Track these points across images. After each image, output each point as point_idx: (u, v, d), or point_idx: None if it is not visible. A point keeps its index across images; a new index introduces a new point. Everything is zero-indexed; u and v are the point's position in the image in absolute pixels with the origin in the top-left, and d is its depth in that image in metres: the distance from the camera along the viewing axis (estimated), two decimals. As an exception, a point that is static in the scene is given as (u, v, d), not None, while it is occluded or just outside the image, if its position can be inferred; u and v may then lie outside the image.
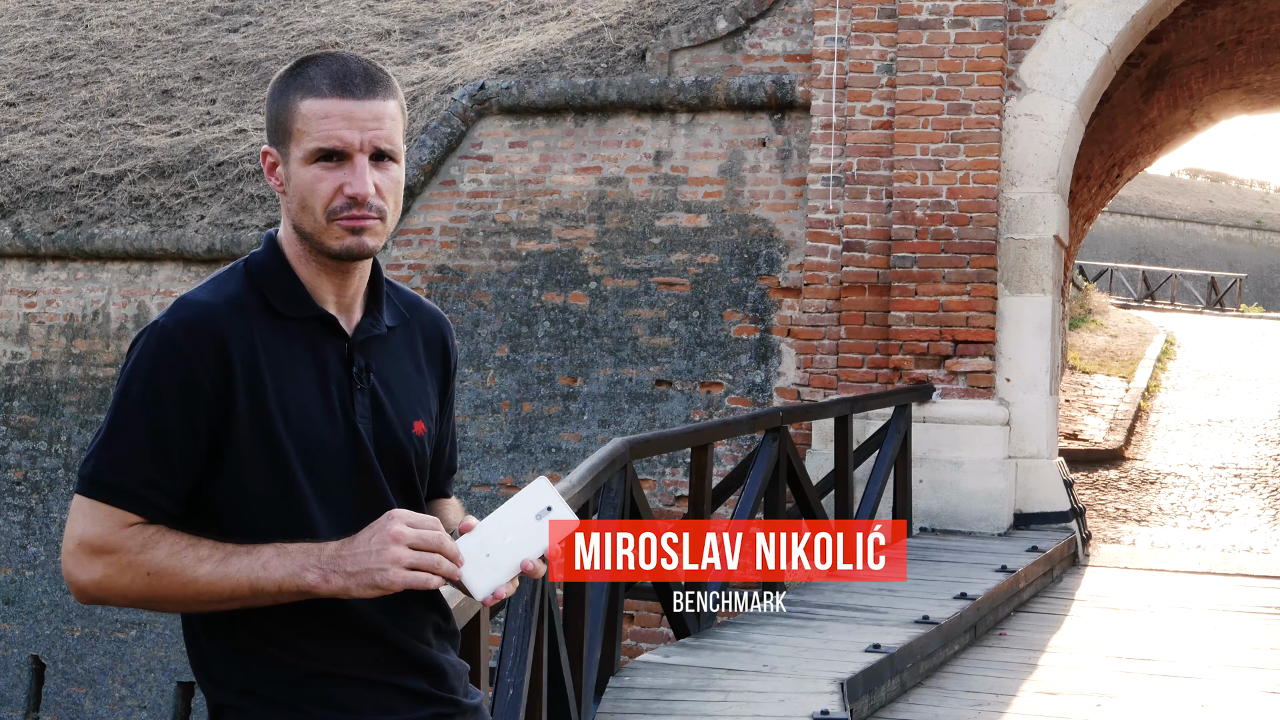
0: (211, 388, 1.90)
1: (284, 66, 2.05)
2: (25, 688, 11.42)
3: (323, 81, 1.96)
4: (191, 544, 1.88)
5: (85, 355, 11.84)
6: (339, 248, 1.98)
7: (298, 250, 2.02)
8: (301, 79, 1.98)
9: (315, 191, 1.96)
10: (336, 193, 1.96)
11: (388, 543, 1.85)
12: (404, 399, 2.07)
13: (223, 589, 1.87)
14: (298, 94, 1.98)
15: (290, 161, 1.98)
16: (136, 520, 1.88)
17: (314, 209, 1.97)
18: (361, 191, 1.95)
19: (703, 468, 6.63)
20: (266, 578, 1.86)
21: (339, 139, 1.95)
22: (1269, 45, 12.82)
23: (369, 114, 1.96)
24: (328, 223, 1.97)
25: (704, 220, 10.35)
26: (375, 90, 1.98)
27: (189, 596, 1.88)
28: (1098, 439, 15.36)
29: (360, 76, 1.97)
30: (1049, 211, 9.51)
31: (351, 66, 1.98)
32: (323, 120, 1.95)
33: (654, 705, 5.09)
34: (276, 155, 2.02)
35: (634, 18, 11.51)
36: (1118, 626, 7.44)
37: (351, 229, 1.96)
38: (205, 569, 1.86)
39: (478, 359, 10.66)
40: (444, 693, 2.05)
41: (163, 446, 1.89)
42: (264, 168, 2.04)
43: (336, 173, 1.96)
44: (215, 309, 1.94)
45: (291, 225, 2.02)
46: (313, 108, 1.96)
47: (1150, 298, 35.74)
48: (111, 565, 1.87)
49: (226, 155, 12.12)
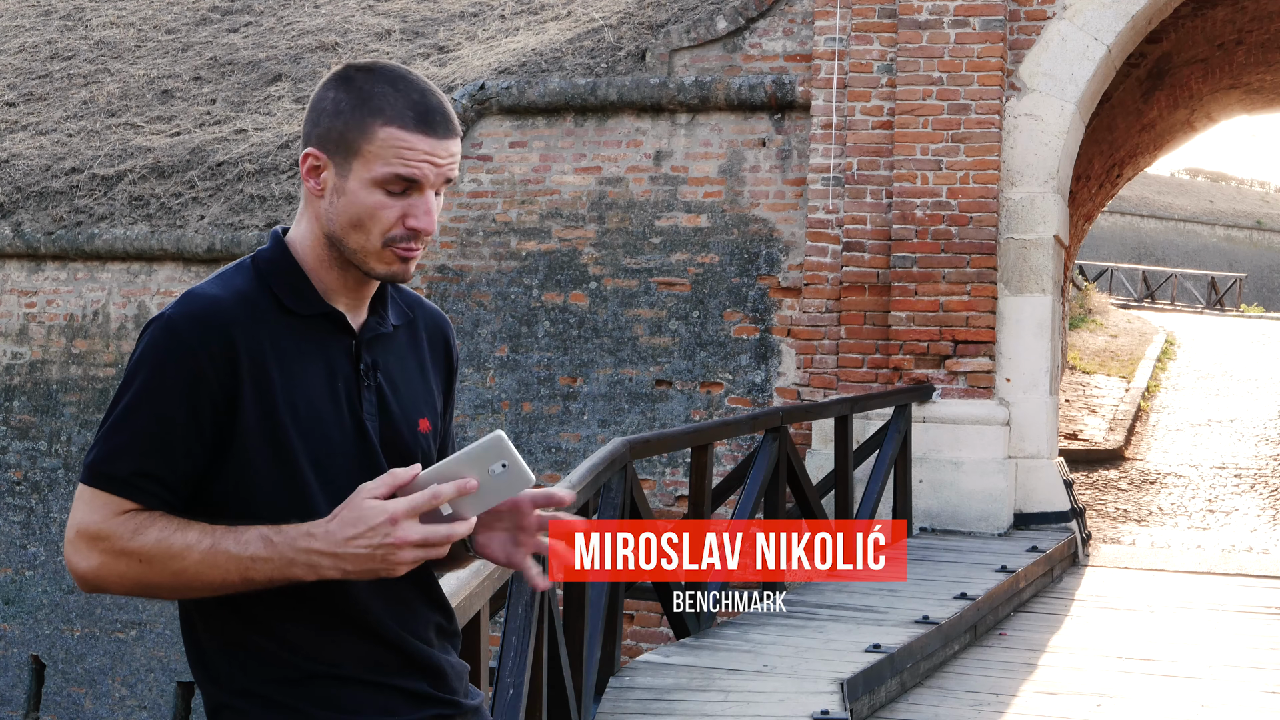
0: (217, 381, 1.91)
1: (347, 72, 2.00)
2: (25, 688, 11.42)
3: (407, 112, 1.96)
4: (181, 528, 1.87)
5: (85, 355, 11.84)
6: (385, 272, 2.00)
7: (320, 255, 2.02)
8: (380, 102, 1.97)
9: (377, 217, 1.96)
10: (399, 222, 1.97)
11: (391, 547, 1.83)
12: (409, 397, 2.08)
13: (213, 577, 1.86)
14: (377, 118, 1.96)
15: (350, 178, 1.97)
16: (131, 507, 1.89)
17: (371, 232, 1.97)
18: (428, 228, 1.98)
19: (703, 468, 6.63)
20: (256, 571, 1.85)
21: (419, 172, 1.96)
22: (1269, 45, 12.82)
23: (447, 153, 1.98)
24: (382, 248, 1.98)
25: (704, 220, 10.35)
26: (452, 128, 2.00)
27: (182, 584, 1.88)
28: (1098, 439, 15.36)
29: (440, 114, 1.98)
30: (1049, 211, 9.51)
31: (431, 102, 1.98)
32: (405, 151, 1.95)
33: (654, 705, 5.09)
34: (327, 163, 2.00)
35: (634, 18, 11.51)
36: (1118, 626, 7.44)
37: (403, 257, 1.99)
38: (194, 556, 1.85)
39: (478, 359, 10.65)
40: (444, 694, 2.05)
41: (165, 438, 1.89)
42: (302, 167, 2.02)
43: (401, 202, 1.97)
44: (223, 303, 1.94)
45: (323, 232, 2.01)
46: (394, 137, 1.95)
47: (1150, 298, 35.75)
48: (106, 553, 1.88)
49: (226, 155, 12.12)
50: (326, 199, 1.99)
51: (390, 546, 1.82)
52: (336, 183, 1.99)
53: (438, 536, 1.83)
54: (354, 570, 1.84)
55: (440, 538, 1.83)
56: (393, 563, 1.83)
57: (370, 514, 1.83)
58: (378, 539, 1.82)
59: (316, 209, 2.01)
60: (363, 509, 1.83)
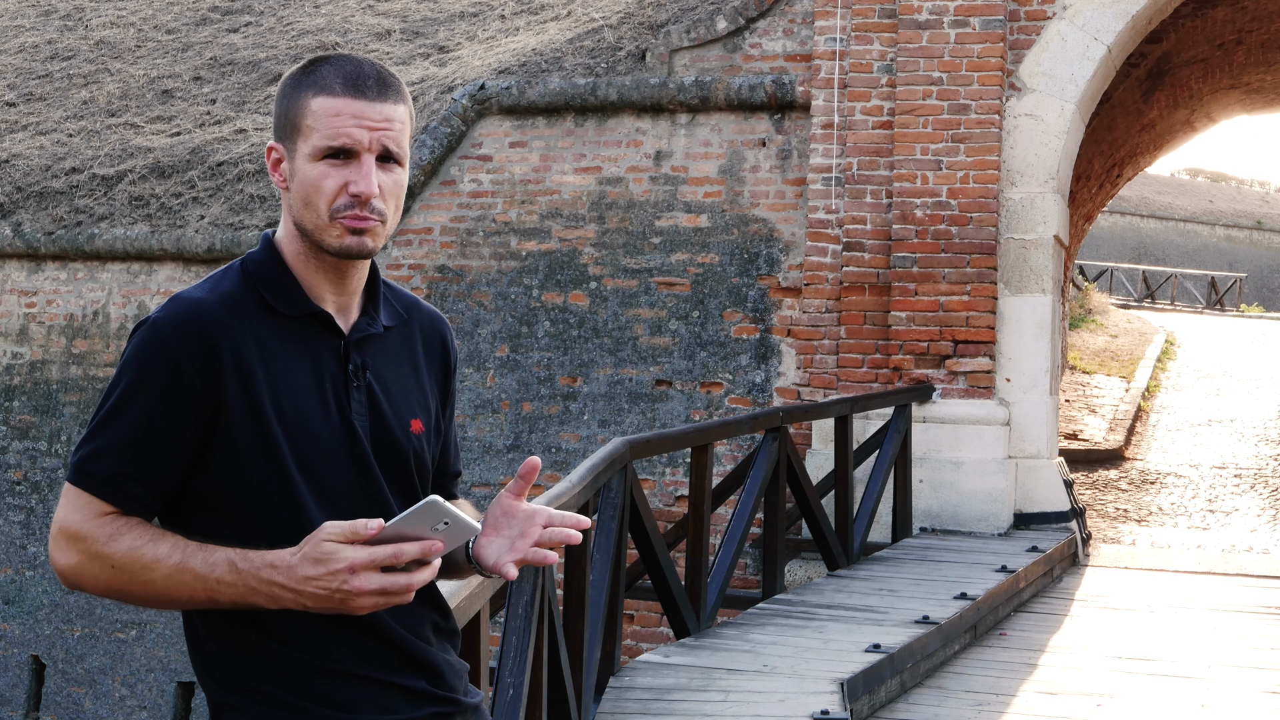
0: (199, 382, 1.92)
1: (295, 65, 2.06)
2: (25, 688, 11.42)
3: (335, 80, 1.98)
4: (153, 540, 1.88)
5: (85, 355, 11.84)
6: (338, 246, 1.99)
7: (298, 249, 2.03)
8: (314, 77, 2.00)
9: (320, 188, 1.97)
10: (341, 190, 1.97)
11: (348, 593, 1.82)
12: (401, 398, 2.08)
13: (180, 594, 1.88)
14: (309, 91, 1.99)
15: (296, 157, 2.00)
16: (110, 510, 1.91)
17: (317, 205, 1.98)
18: (366, 190, 1.96)
19: (703, 468, 6.63)
20: (220, 593, 1.87)
21: (349, 136, 1.96)
22: (1269, 45, 12.82)
23: (380, 115, 1.98)
24: (330, 220, 1.98)
25: (704, 220, 10.35)
26: (387, 93, 1.99)
27: (151, 595, 1.90)
28: (1098, 439, 15.36)
29: (373, 79, 1.99)
30: (1049, 211, 9.51)
31: (365, 68, 2.00)
32: (333, 118, 1.96)
33: (654, 705, 5.09)
34: (282, 151, 2.03)
35: (634, 18, 11.51)
36: (1118, 626, 7.44)
37: (352, 229, 1.98)
38: (162, 571, 1.87)
39: (478, 359, 10.65)
40: (443, 692, 2.05)
41: (147, 440, 1.91)
42: (268, 164, 2.05)
43: (342, 170, 1.97)
44: (208, 305, 1.95)
45: (293, 222, 2.03)
46: (324, 105, 1.97)
47: (1150, 298, 35.75)
48: (83, 554, 1.90)
49: (226, 155, 12.13)
50: (290, 189, 2.01)
51: (347, 593, 1.82)
52: (289, 168, 2.01)
53: (396, 586, 1.83)
54: (313, 606, 1.85)
55: (399, 588, 1.83)
56: (351, 607, 1.84)
57: (331, 559, 1.82)
58: (335, 584, 1.82)
59: (286, 202, 2.04)
60: (324, 553, 1.82)
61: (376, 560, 1.81)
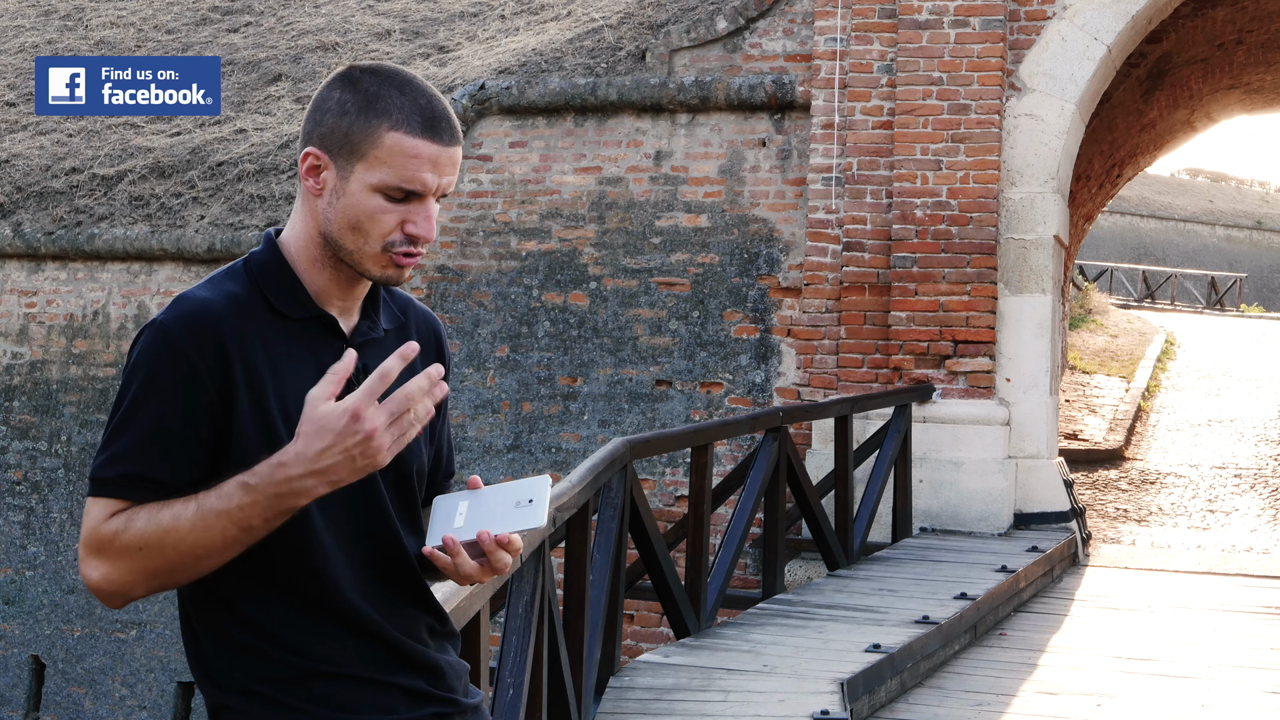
0: (211, 382, 1.90)
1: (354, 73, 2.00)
2: (25, 688, 11.42)
3: (414, 118, 1.96)
4: (164, 506, 1.86)
5: (85, 355, 11.84)
6: (381, 275, 1.99)
7: (314, 255, 2.02)
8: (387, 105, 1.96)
9: (377, 221, 1.96)
10: (397, 227, 1.97)
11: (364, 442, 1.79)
12: None
13: (213, 539, 1.84)
14: (383, 122, 1.96)
15: (351, 179, 1.97)
16: (122, 506, 1.88)
17: (369, 235, 1.97)
18: (428, 235, 1.98)
19: (703, 468, 6.63)
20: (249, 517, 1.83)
21: (421, 182, 1.96)
22: (1269, 45, 12.82)
23: (449, 161, 1.98)
24: (380, 252, 1.97)
25: (704, 220, 10.34)
26: (456, 137, 1.99)
27: (185, 558, 1.85)
28: (1098, 439, 15.35)
29: (445, 120, 1.98)
30: (1049, 211, 9.51)
31: (437, 107, 1.98)
32: (411, 159, 1.95)
33: (654, 705, 5.09)
34: (328, 163, 1.99)
35: (634, 18, 11.51)
36: (1118, 626, 7.44)
37: (399, 264, 1.98)
38: (185, 526, 1.83)
39: (478, 359, 10.65)
40: (443, 692, 2.05)
41: (163, 443, 1.89)
42: (301, 165, 2.01)
43: (401, 208, 1.97)
44: (214, 305, 1.94)
45: (319, 232, 2.01)
46: (400, 143, 1.95)
47: (1150, 298, 35.74)
48: (109, 558, 1.87)
49: (226, 155, 12.13)
50: (325, 199, 1.99)
51: (363, 442, 1.79)
52: (337, 183, 1.98)
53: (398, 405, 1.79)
54: (342, 477, 1.82)
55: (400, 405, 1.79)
56: (373, 454, 1.80)
57: (331, 420, 1.79)
58: (349, 440, 1.79)
59: (313, 208, 2.01)
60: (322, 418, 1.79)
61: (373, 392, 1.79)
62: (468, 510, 1.94)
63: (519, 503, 1.93)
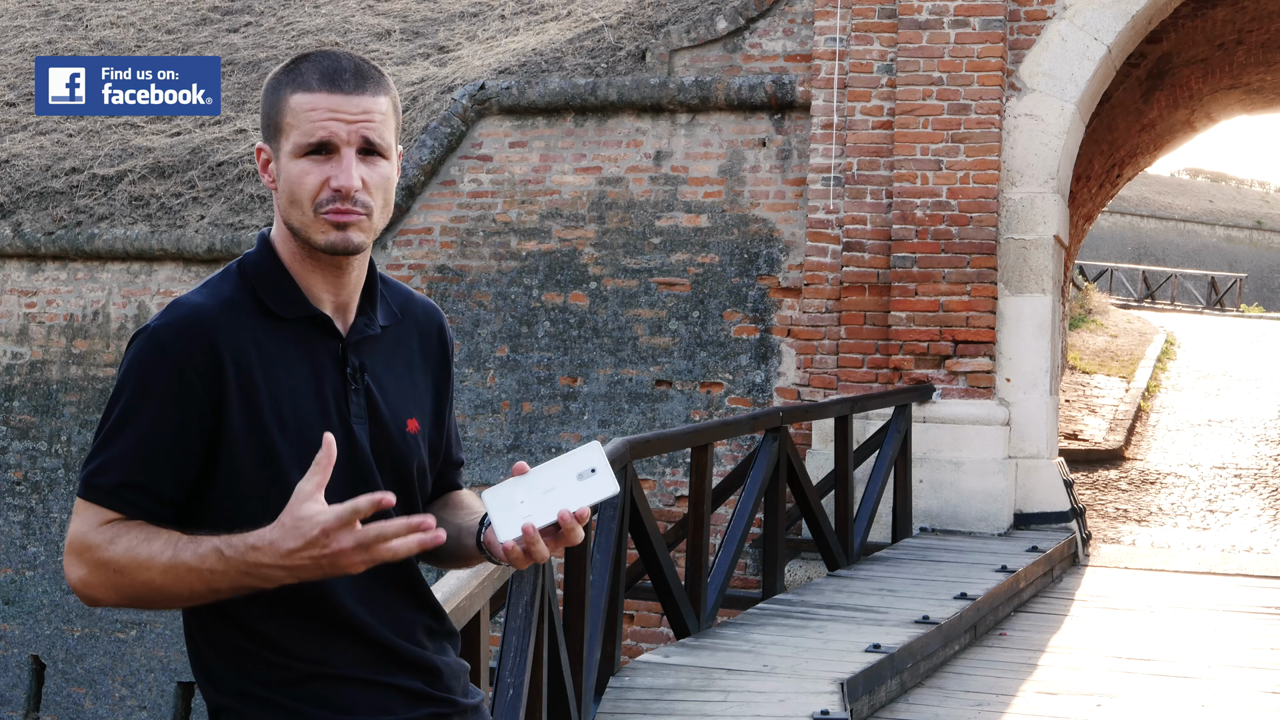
0: (202, 388, 1.91)
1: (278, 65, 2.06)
2: (25, 688, 11.42)
3: (312, 76, 1.97)
4: (148, 538, 1.85)
5: (85, 355, 11.84)
6: (324, 242, 1.98)
7: (291, 248, 2.03)
8: (293, 75, 1.99)
9: (302, 184, 1.97)
10: (323, 185, 1.96)
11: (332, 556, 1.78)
12: (398, 398, 2.07)
13: (180, 590, 1.84)
14: (288, 89, 1.99)
15: (280, 156, 1.99)
16: (114, 517, 1.89)
17: (301, 202, 1.97)
18: (347, 184, 1.95)
19: (703, 468, 6.63)
20: (216, 582, 1.83)
21: (326, 130, 1.95)
22: (1269, 45, 12.82)
23: (357, 108, 1.97)
24: (315, 216, 1.97)
25: (704, 220, 10.34)
26: (364, 86, 1.98)
27: (155, 594, 1.86)
28: (1098, 439, 15.35)
29: (350, 72, 1.98)
30: (1049, 211, 9.51)
31: (342, 63, 1.99)
32: (310, 113, 1.96)
33: (654, 705, 5.09)
34: (269, 151, 2.02)
35: (634, 18, 11.51)
36: (1118, 626, 7.44)
37: (336, 224, 1.96)
38: (158, 568, 1.84)
39: (478, 359, 10.65)
40: (440, 692, 2.05)
41: (154, 448, 1.90)
42: (258, 165, 2.04)
43: (323, 166, 1.96)
44: (207, 310, 1.94)
45: (283, 221, 2.02)
46: (301, 101, 1.97)
47: (1150, 298, 35.74)
48: (89, 564, 1.88)
49: (226, 155, 12.13)
50: (278, 188, 2.01)
51: (331, 556, 1.78)
52: (276, 167, 2.01)
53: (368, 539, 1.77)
54: (309, 576, 1.81)
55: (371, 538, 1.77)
56: (343, 568, 1.80)
57: (305, 527, 1.77)
58: (316, 551, 1.78)
59: (276, 201, 2.03)
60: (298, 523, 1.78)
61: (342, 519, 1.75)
62: (527, 495, 1.89)
63: (580, 474, 1.89)
